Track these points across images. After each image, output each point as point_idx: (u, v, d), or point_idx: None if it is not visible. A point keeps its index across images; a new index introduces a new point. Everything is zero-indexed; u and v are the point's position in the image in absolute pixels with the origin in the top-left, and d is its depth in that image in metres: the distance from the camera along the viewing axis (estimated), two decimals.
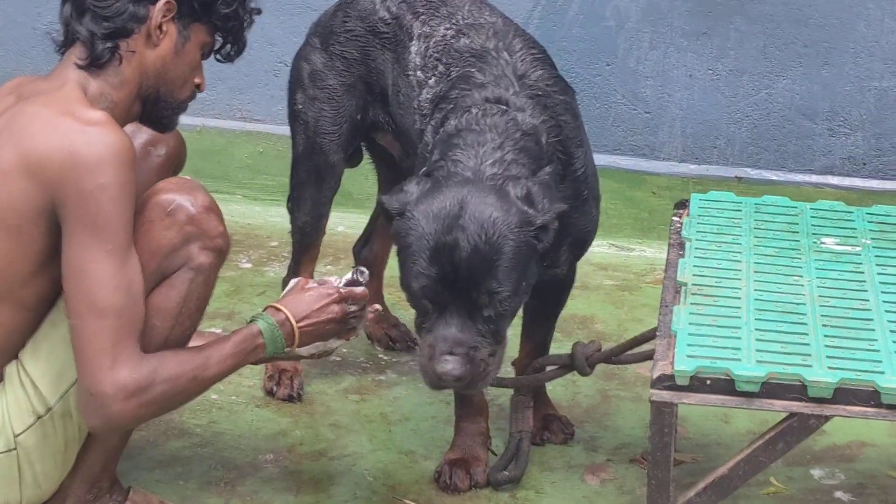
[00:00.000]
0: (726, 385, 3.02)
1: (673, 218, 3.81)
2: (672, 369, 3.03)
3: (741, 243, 3.62)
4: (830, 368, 3.03)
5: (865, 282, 3.45)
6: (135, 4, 3.12)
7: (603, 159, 4.52)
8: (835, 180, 5.03)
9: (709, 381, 3.02)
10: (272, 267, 4.84)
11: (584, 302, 4.62)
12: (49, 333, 3.14)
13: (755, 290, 3.37)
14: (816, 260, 3.55)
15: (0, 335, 3.12)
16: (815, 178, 5.04)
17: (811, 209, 3.84)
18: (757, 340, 3.14)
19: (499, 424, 3.84)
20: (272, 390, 4.04)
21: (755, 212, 3.81)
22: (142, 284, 3.05)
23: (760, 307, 3.29)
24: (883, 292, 3.39)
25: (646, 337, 3.63)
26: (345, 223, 4.81)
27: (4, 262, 3.05)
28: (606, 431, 3.94)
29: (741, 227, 3.71)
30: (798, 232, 3.70)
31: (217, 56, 3.31)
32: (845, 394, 3.00)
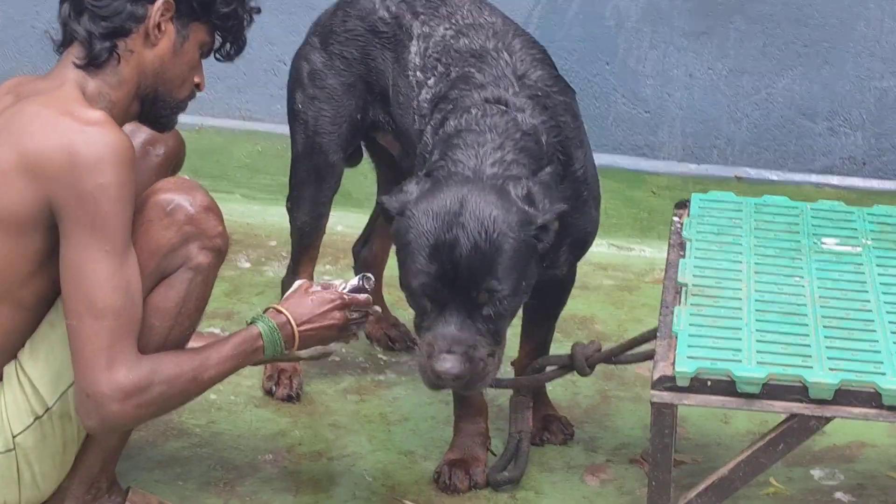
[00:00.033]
0: (727, 386, 3.01)
1: (673, 218, 3.80)
2: (673, 370, 3.03)
3: (742, 244, 3.61)
4: (831, 370, 3.03)
5: (866, 283, 3.44)
6: (133, 4, 3.11)
7: (603, 159, 4.51)
8: (835, 180, 5.03)
9: (709, 383, 3.02)
10: (271, 266, 4.83)
11: (584, 302, 4.61)
12: (48, 334, 3.13)
13: (756, 291, 3.37)
14: (817, 261, 3.54)
15: None
16: (815, 178, 5.03)
17: (812, 209, 3.83)
18: (758, 341, 3.13)
19: (498, 425, 3.83)
20: (271, 390, 4.03)
21: (756, 212, 3.81)
22: (140, 285, 3.05)
23: (761, 308, 3.29)
24: (884, 293, 3.39)
25: (645, 337, 3.63)
26: (344, 223, 4.80)
27: (3, 263, 3.05)
28: (606, 432, 3.94)
29: (742, 228, 3.70)
30: (799, 232, 3.69)
31: (216, 55, 3.31)
32: (846, 395, 2.99)
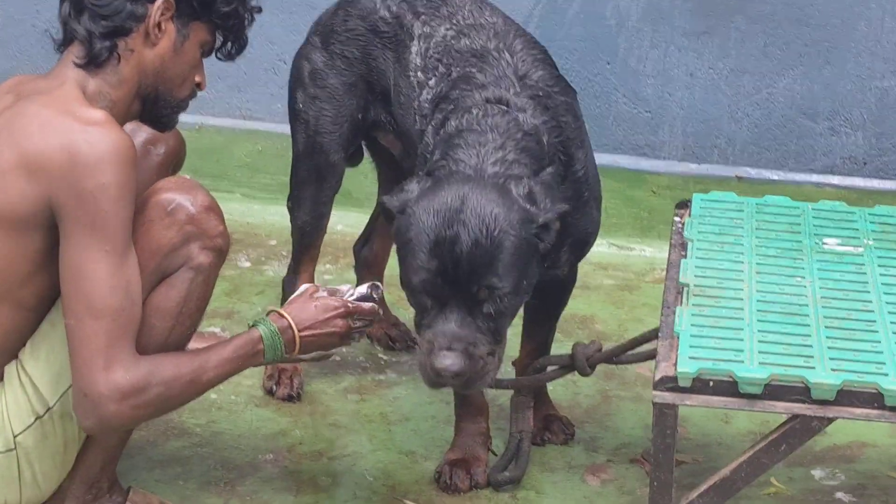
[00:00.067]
0: (729, 387, 3.01)
1: (674, 218, 3.80)
2: (675, 371, 3.03)
3: (743, 244, 3.61)
4: (833, 370, 3.02)
5: (868, 283, 3.44)
6: (133, 3, 3.11)
7: (603, 158, 4.51)
8: (836, 180, 5.02)
9: (711, 383, 3.02)
10: (271, 266, 4.83)
11: (585, 302, 4.61)
12: (48, 333, 3.13)
13: (757, 292, 3.36)
14: (819, 261, 3.54)
15: None
16: (816, 178, 5.03)
17: (813, 210, 3.83)
18: (759, 342, 3.13)
19: (499, 424, 3.83)
20: (272, 390, 4.03)
21: (757, 212, 3.80)
22: (140, 285, 3.04)
23: (763, 308, 3.28)
24: (885, 293, 3.38)
25: (646, 337, 3.62)
26: (344, 222, 4.80)
27: (4, 262, 3.04)
28: (607, 432, 3.93)
29: (743, 228, 3.70)
30: (800, 233, 3.69)
31: (217, 54, 3.30)
32: (848, 396, 2.99)
